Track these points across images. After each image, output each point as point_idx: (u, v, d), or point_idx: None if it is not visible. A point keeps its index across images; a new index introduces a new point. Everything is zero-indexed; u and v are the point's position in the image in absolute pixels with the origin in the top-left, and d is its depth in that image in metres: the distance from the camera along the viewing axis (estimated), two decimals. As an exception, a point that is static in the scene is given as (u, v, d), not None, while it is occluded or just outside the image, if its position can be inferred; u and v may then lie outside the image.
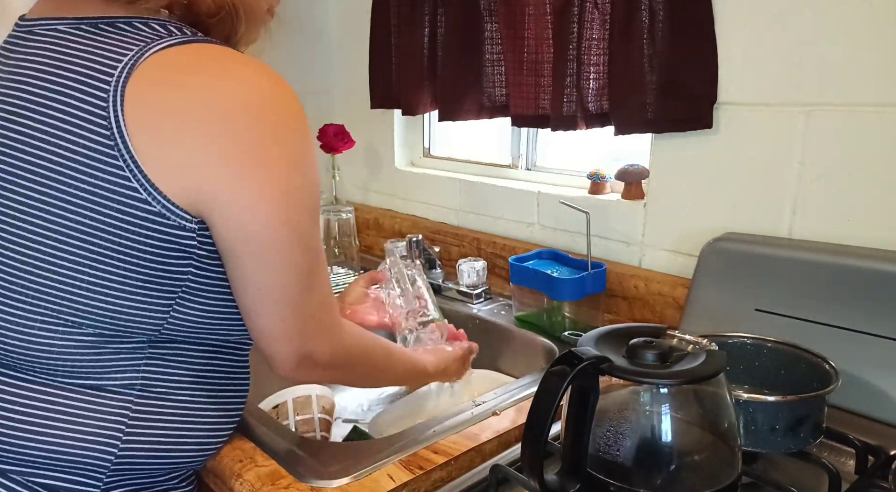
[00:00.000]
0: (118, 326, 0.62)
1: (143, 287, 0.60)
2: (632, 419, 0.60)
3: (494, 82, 1.33)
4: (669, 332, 0.64)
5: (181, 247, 0.60)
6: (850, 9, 0.87)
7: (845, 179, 0.91)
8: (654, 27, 1.03)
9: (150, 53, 0.57)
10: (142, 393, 0.64)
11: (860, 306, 0.83)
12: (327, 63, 1.77)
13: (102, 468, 0.63)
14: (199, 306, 0.64)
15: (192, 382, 0.68)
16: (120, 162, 0.56)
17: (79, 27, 0.60)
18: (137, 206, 0.57)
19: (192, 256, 0.61)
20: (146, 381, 0.64)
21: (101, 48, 0.58)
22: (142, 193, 0.57)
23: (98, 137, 0.56)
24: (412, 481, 0.70)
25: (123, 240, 0.58)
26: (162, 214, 0.58)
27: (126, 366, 0.63)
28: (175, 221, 0.59)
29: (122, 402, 0.63)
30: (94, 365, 0.62)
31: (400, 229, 1.62)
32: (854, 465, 0.71)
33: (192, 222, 0.59)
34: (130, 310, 0.61)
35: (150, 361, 0.64)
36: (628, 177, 1.18)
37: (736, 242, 0.98)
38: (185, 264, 0.61)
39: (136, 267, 0.59)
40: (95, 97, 0.56)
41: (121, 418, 0.63)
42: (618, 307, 1.17)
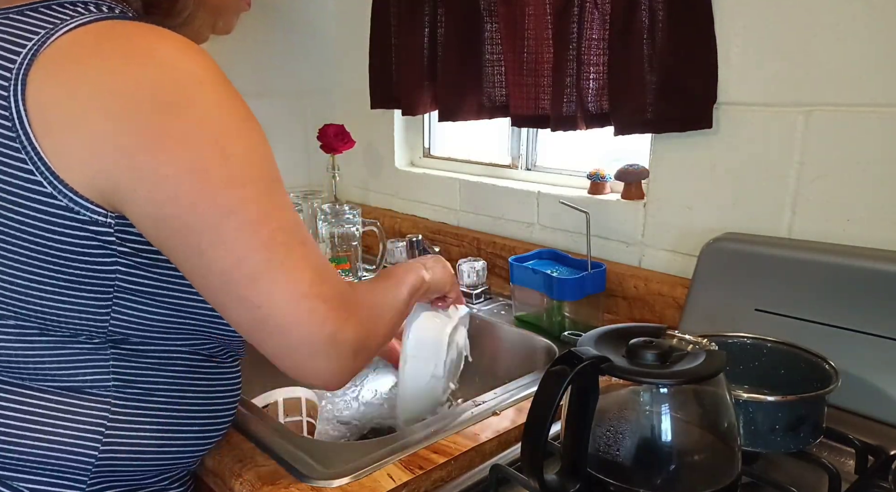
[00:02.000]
0: (62, 326, 0.60)
1: (72, 286, 0.58)
2: (632, 419, 0.60)
3: (494, 82, 1.33)
4: (669, 332, 0.64)
5: (100, 243, 0.57)
6: (849, 9, 0.87)
7: (845, 179, 0.91)
8: (654, 27, 1.03)
9: (55, 36, 0.54)
10: (119, 395, 0.63)
11: (860, 306, 0.83)
12: (327, 63, 1.77)
13: (84, 471, 0.62)
14: (141, 307, 0.61)
15: (173, 386, 0.66)
16: (22, 154, 0.53)
17: (7, 16, 0.57)
18: (43, 201, 0.54)
19: (115, 252, 0.58)
20: (120, 382, 0.63)
21: (13, 34, 0.55)
22: (46, 186, 0.54)
23: (1, 129, 0.54)
24: (412, 481, 0.70)
25: (39, 238, 0.56)
26: (70, 208, 0.54)
27: (93, 367, 0.62)
28: (86, 215, 0.55)
29: (99, 403, 0.62)
30: (59, 366, 0.61)
31: (400, 229, 1.62)
32: (854, 465, 0.71)
33: (108, 217, 0.56)
34: (67, 309, 0.59)
35: (118, 364, 0.63)
36: (628, 177, 1.18)
37: (736, 242, 0.98)
38: (111, 262, 0.58)
39: (57, 265, 0.57)
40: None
41: (100, 420, 0.62)
42: (618, 307, 1.17)
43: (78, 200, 0.54)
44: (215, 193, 0.54)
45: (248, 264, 0.54)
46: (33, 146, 0.53)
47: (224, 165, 0.54)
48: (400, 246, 1.47)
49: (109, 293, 0.60)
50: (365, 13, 1.56)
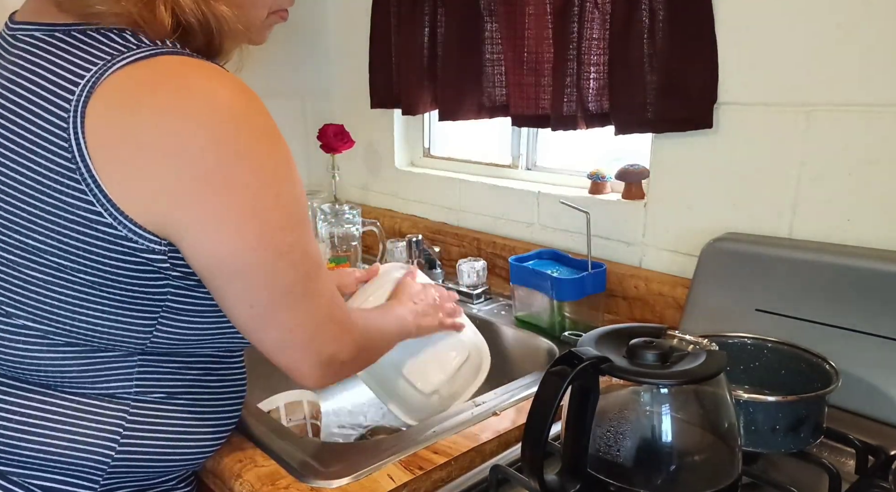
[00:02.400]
0: (102, 341, 0.62)
1: (123, 307, 0.60)
2: (632, 419, 0.60)
3: (494, 82, 1.33)
4: (669, 332, 0.63)
5: (155, 268, 0.59)
6: (849, 9, 0.87)
7: (845, 179, 0.91)
8: (654, 27, 1.03)
9: (113, 69, 0.55)
10: (137, 400, 0.64)
11: (860, 306, 0.83)
12: (327, 63, 1.77)
13: (99, 471, 0.63)
14: (183, 323, 0.64)
15: (188, 389, 0.68)
16: (82, 185, 0.55)
17: (52, 34, 0.58)
18: (103, 229, 0.56)
19: (168, 276, 0.60)
20: (140, 388, 0.64)
21: (66, 61, 0.56)
22: (106, 217, 0.55)
23: (59, 158, 0.55)
24: (412, 481, 0.70)
25: (94, 262, 0.57)
26: (128, 237, 0.56)
27: (118, 375, 0.63)
28: (143, 244, 0.57)
29: (118, 408, 0.63)
30: (85, 375, 0.63)
31: (400, 229, 1.62)
32: (854, 465, 0.71)
33: (162, 245, 0.58)
34: (112, 328, 0.61)
35: (142, 370, 0.64)
36: (628, 177, 1.18)
37: (736, 242, 0.97)
38: (163, 285, 0.61)
39: (111, 288, 0.59)
40: (57, 116, 0.55)
41: (117, 422, 0.63)
42: (618, 307, 1.17)
43: (137, 229, 0.56)
44: (273, 236, 0.59)
45: (291, 297, 0.61)
46: (94, 178, 0.54)
47: (278, 210, 0.59)
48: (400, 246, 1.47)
49: (157, 312, 0.62)
50: (365, 13, 1.56)
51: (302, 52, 1.72)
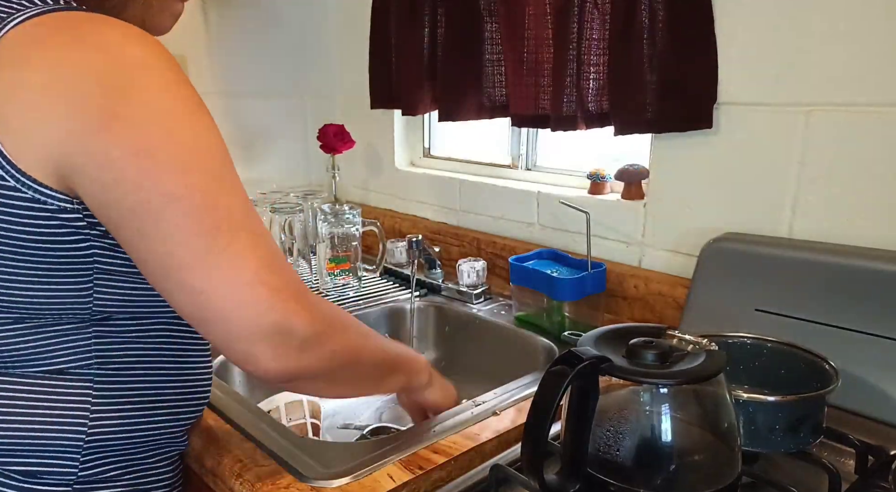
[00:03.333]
0: (44, 312, 0.61)
1: (52, 274, 0.59)
2: (632, 419, 0.60)
3: (494, 82, 1.33)
4: (669, 332, 0.63)
5: (73, 229, 0.58)
6: (849, 9, 0.87)
7: (845, 179, 0.91)
8: (654, 27, 1.03)
9: (5, 30, 0.55)
10: (99, 372, 0.64)
11: (860, 306, 0.83)
12: (327, 63, 1.77)
13: (76, 449, 0.63)
14: (120, 285, 0.63)
15: (149, 357, 0.68)
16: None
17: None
18: (8, 194, 0.55)
19: (88, 236, 0.59)
20: (101, 359, 0.64)
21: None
22: (9, 180, 0.54)
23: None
24: (412, 481, 0.70)
25: (12, 231, 0.57)
26: (37, 198, 0.55)
27: (75, 348, 0.63)
28: (53, 204, 0.56)
29: (81, 382, 0.64)
30: (41, 351, 0.62)
31: (400, 229, 1.62)
32: (854, 465, 0.71)
33: (73, 203, 0.56)
34: (49, 297, 0.60)
35: (98, 340, 0.64)
36: (628, 177, 1.18)
37: (736, 242, 0.98)
38: (86, 246, 0.59)
39: (35, 256, 0.58)
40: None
41: (84, 398, 0.63)
42: (618, 307, 1.17)
43: (42, 190, 0.55)
44: (161, 178, 0.54)
45: (190, 250, 0.54)
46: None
47: (171, 150, 0.54)
48: (400, 246, 1.48)
49: (90, 275, 0.61)
50: (365, 13, 1.56)
51: (302, 53, 1.72)
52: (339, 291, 1.34)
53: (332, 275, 1.36)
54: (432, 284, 1.36)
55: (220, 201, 0.56)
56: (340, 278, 1.36)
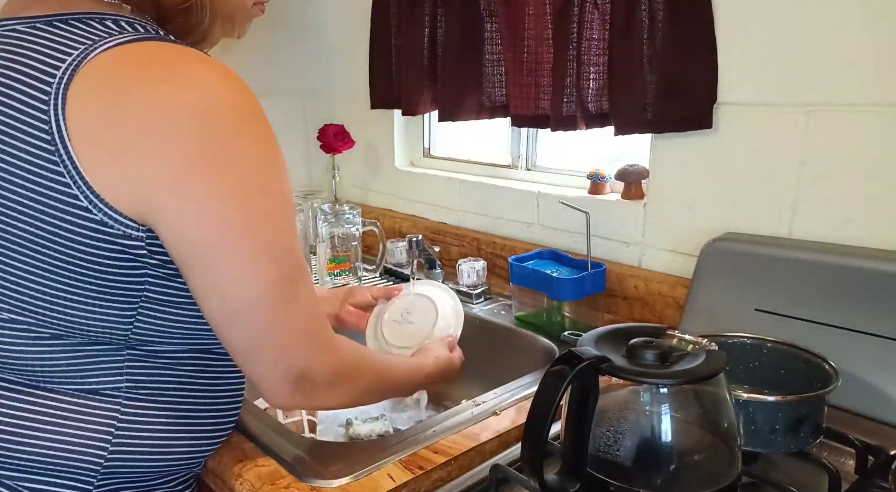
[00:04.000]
0: (82, 332, 0.61)
1: (100, 296, 0.59)
2: (632, 419, 0.60)
3: (494, 82, 1.33)
4: (669, 332, 0.64)
5: (132, 256, 0.58)
6: (849, 9, 0.87)
7: (845, 179, 0.91)
8: (654, 27, 1.03)
9: (94, 54, 0.55)
10: (129, 396, 0.63)
11: (860, 306, 0.83)
12: (327, 63, 1.77)
13: (93, 472, 0.62)
14: (164, 314, 0.63)
15: (181, 385, 0.67)
16: (61, 168, 0.54)
17: (34, 26, 0.58)
18: (78, 214, 0.55)
19: (146, 265, 0.59)
20: (132, 383, 0.63)
21: (47, 47, 0.56)
22: (82, 200, 0.54)
23: (39, 142, 0.54)
24: (412, 481, 0.70)
25: (70, 250, 0.56)
26: (104, 222, 0.55)
27: (107, 370, 0.63)
28: (120, 229, 0.56)
29: (109, 405, 0.62)
30: (73, 369, 0.62)
31: (400, 229, 1.62)
32: (854, 465, 0.71)
33: (139, 231, 0.57)
34: (91, 318, 0.60)
35: (132, 365, 0.63)
36: (628, 177, 1.18)
37: (736, 242, 0.98)
38: (140, 274, 0.59)
39: (87, 276, 0.58)
40: (37, 100, 0.54)
41: (109, 420, 0.62)
42: (618, 307, 1.17)
43: (112, 214, 0.55)
44: (259, 227, 0.57)
45: (269, 298, 0.58)
46: (72, 161, 0.54)
47: (265, 198, 0.57)
48: (400, 246, 1.48)
49: (136, 303, 0.61)
50: (365, 13, 1.56)
51: (302, 53, 1.72)
52: (339, 291, 1.34)
53: (333, 275, 1.36)
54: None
55: (292, 249, 0.60)
56: (340, 278, 1.36)
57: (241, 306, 0.58)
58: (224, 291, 0.57)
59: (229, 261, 0.56)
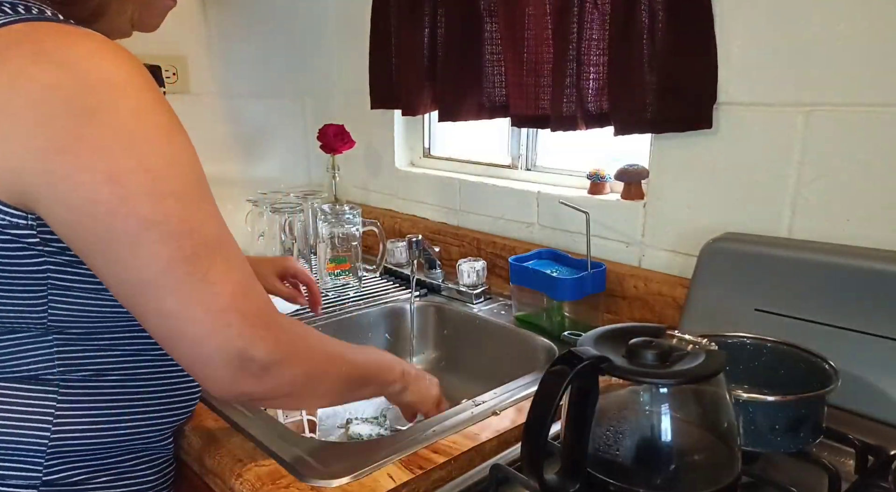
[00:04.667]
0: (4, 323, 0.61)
1: (6, 287, 0.59)
2: (631, 419, 0.60)
3: (494, 82, 1.33)
4: (669, 332, 0.64)
5: (25, 245, 0.57)
6: (849, 9, 0.87)
7: (845, 179, 0.91)
8: (654, 27, 1.03)
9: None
10: (65, 379, 0.64)
11: (860, 306, 0.83)
12: (327, 63, 1.77)
13: (38, 453, 0.63)
14: (76, 300, 0.62)
15: (118, 367, 0.67)
16: None
17: None
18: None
19: (42, 252, 0.58)
20: (64, 368, 0.64)
21: None
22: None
23: None
24: (412, 481, 0.70)
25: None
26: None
27: (36, 356, 0.63)
28: (5, 219, 0.55)
29: (45, 390, 0.64)
30: (2, 358, 0.63)
31: (400, 229, 1.62)
32: (854, 465, 0.71)
33: (27, 219, 0.56)
34: (3, 308, 0.60)
35: (61, 350, 0.64)
36: (628, 177, 1.18)
37: (736, 242, 0.98)
38: (40, 262, 0.59)
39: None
40: None
41: (47, 403, 0.63)
42: (617, 307, 1.17)
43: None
44: (135, 204, 0.53)
45: (168, 277, 0.54)
46: None
47: (143, 176, 0.54)
48: (400, 246, 1.48)
49: (43, 290, 0.60)
50: (365, 13, 1.56)
51: (302, 53, 1.72)
52: (339, 291, 1.34)
53: (333, 275, 1.36)
54: (432, 284, 1.36)
55: (196, 227, 0.56)
56: (340, 278, 1.36)
57: (139, 290, 0.55)
58: (117, 273, 0.55)
59: (110, 242, 0.54)
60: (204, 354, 0.57)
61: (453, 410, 0.84)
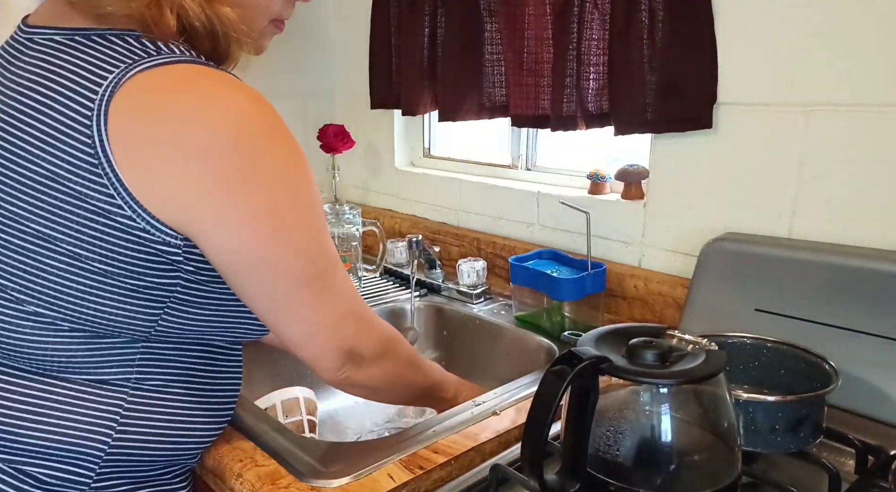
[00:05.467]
0: (108, 327, 0.62)
1: (131, 296, 0.61)
2: (632, 419, 0.60)
3: (494, 82, 1.33)
4: (669, 332, 0.64)
5: (168, 261, 0.61)
6: (849, 9, 0.87)
7: (845, 179, 0.91)
8: (654, 27, 1.03)
9: (134, 72, 0.58)
10: (136, 387, 0.65)
11: (860, 306, 0.83)
12: (327, 63, 1.77)
13: (95, 460, 0.63)
14: (188, 314, 0.65)
15: (186, 378, 0.69)
16: (104, 179, 0.57)
17: (72, 38, 0.60)
18: (121, 221, 0.58)
19: (180, 269, 0.62)
20: (140, 375, 0.65)
21: (88, 62, 0.59)
22: (126, 210, 0.58)
23: (81, 153, 0.57)
24: (412, 481, 0.70)
25: (109, 252, 0.59)
26: (146, 229, 0.59)
27: (120, 361, 0.64)
28: (160, 237, 0.59)
29: (116, 396, 0.64)
30: (87, 361, 0.63)
31: (400, 229, 1.62)
32: (854, 465, 0.71)
33: (177, 239, 0.60)
34: (119, 316, 0.62)
35: (143, 358, 0.65)
36: (628, 177, 1.18)
37: (736, 242, 0.98)
38: (173, 277, 0.62)
39: (123, 277, 0.60)
40: (80, 114, 0.57)
41: (114, 409, 0.64)
42: (618, 307, 1.17)
43: (154, 223, 0.59)
44: (289, 234, 0.63)
45: (308, 290, 0.66)
46: (115, 173, 0.57)
47: (294, 210, 0.63)
48: (400, 246, 1.48)
49: (164, 303, 0.63)
50: (365, 13, 1.56)
51: (302, 53, 1.72)
52: (339, 291, 1.34)
53: (332, 275, 1.36)
54: (432, 284, 1.36)
55: (325, 249, 0.67)
56: (340, 278, 1.36)
57: (287, 302, 0.65)
58: (269, 291, 0.64)
59: (266, 267, 0.62)
60: (326, 350, 0.69)
61: (453, 410, 0.84)
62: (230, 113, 0.59)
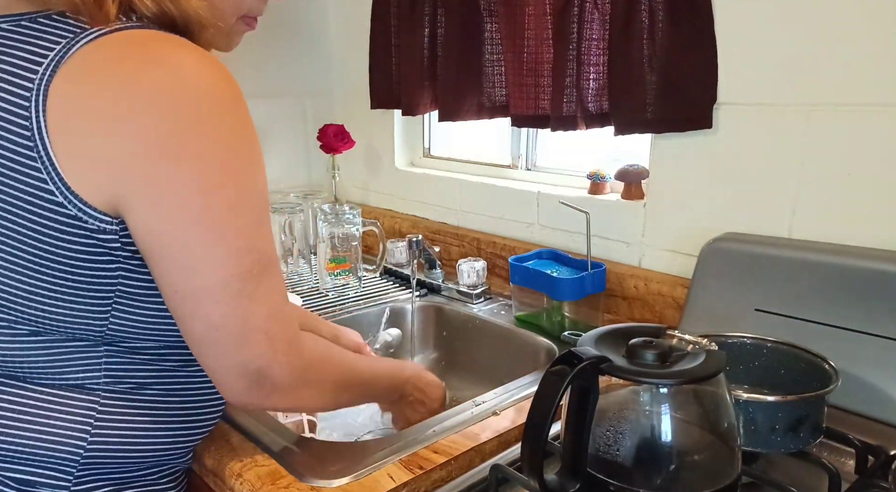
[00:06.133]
0: (60, 329, 0.61)
1: (76, 294, 0.60)
2: (632, 419, 0.60)
3: (494, 82, 1.33)
4: (669, 332, 0.63)
5: (105, 250, 0.58)
6: (849, 9, 0.87)
7: (845, 179, 0.91)
8: (654, 27, 1.03)
9: (78, 46, 0.54)
10: (108, 389, 0.64)
11: (860, 306, 0.83)
12: (327, 63, 1.77)
13: (72, 463, 0.63)
14: (140, 310, 0.63)
15: (162, 380, 0.67)
16: (38, 164, 0.54)
17: (19, 23, 0.58)
18: (54, 210, 0.55)
19: (119, 259, 0.59)
20: (110, 379, 0.64)
21: (31, 44, 0.56)
22: (58, 195, 0.55)
23: (20, 139, 0.54)
24: (412, 481, 0.70)
25: (47, 246, 0.57)
26: (79, 217, 0.56)
27: (85, 365, 0.63)
28: (93, 224, 0.56)
29: (88, 398, 0.63)
30: (51, 365, 0.63)
31: (400, 229, 1.62)
32: (854, 465, 0.71)
33: (113, 224, 0.57)
34: (67, 316, 0.61)
35: (109, 361, 0.64)
36: (628, 177, 1.18)
37: (736, 242, 0.98)
38: (114, 268, 0.60)
39: (63, 273, 0.58)
40: (20, 97, 0.54)
41: (88, 412, 0.63)
42: (618, 307, 1.17)
43: (86, 208, 0.56)
44: (217, 217, 0.56)
45: (224, 289, 0.57)
46: (49, 157, 0.54)
47: (231, 192, 0.56)
48: (400, 246, 1.48)
49: (111, 298, 0.61)
50: (365, 13, 1.56)
51: (302, 53, 1.72)
52: (339, 291, 1.34)
53: (333, 275, 1.36)
54: (432, 284, 1.36)
55: (257, 246, 0.59)
56: (340, 278, 1.36)
57: (194, 295, 0.57)
58: (177, 279, 0.57)
59: (183, 249, 0.56)
60: (227, 365, 0.59)
61: (453, 410, 0.84)
62: (173, 73, 0.54)
